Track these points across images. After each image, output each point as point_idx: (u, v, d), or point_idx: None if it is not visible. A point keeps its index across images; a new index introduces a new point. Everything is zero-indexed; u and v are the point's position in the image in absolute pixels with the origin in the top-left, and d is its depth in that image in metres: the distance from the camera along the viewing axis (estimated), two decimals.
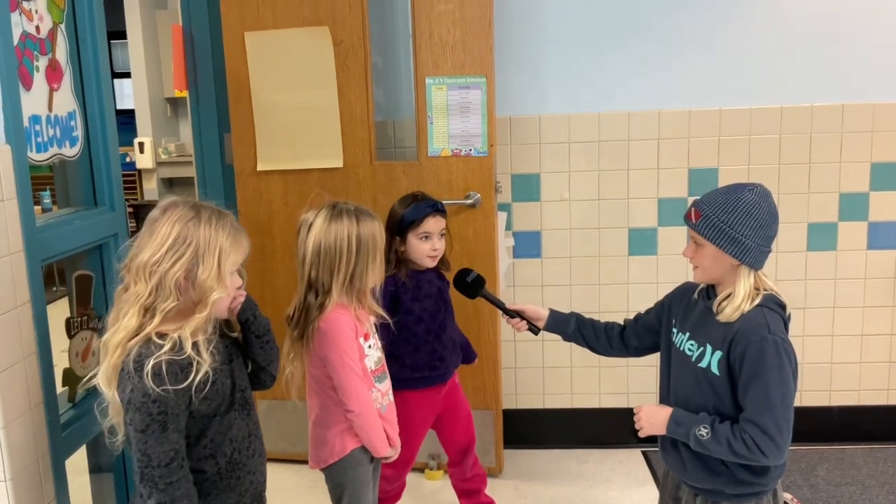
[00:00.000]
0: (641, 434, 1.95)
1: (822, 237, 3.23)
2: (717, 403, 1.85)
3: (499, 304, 2.32)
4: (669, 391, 1.99)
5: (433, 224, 2.46)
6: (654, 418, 1.91)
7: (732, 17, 3.13)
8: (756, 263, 1.83)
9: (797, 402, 1.80)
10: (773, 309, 1.83)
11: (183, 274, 1.61)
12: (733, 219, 1.81)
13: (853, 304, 3.27)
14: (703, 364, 1.86)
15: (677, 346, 1.97)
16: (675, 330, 1.99)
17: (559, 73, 3.20)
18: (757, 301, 1.82)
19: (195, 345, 1.62)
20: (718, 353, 1.83)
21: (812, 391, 3.30)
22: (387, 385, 2.22)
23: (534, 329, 2.25)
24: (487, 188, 2.96)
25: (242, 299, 1.79)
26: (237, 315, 1.80)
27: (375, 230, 2.11)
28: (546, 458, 3.34)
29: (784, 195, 3.18)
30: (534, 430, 3.42)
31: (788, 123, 3.16)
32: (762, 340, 1.77)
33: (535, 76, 3.21)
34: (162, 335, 1.61)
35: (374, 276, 2.12)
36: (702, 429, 1.81)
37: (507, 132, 3.22)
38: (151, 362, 1.55)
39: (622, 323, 2.18)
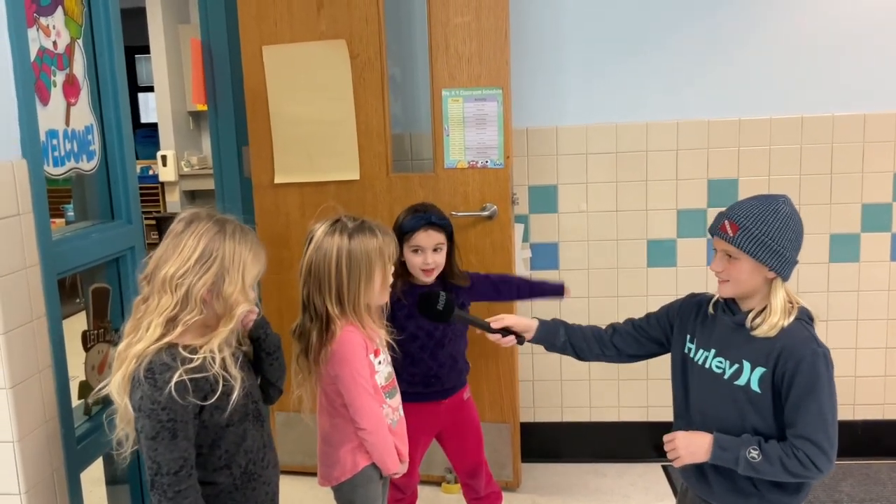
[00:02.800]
0: (677, 464, 1.86)
1: (844, 248, 3.19)
2: (756, 421, 1.80)
3: (480, 324, 2.15)
4: (690, 410, 1.94)
5: (424, 238, 2.43)
6: (693, 446, 1.83)
7: (751, 26, 3.11)
8: (789, 275, 1.80)
9: None
10: (808, 322, 1.81)
11: (209, 287, 1.64)
12: (774, 230, 1.77)
13: (877, 317, 3.22)
14: (741, 382, 1.81)
15: (697, 362, 1.91)
16: (691, 346, 1.94)
17: (576, 84, 3.19)
18: (794, 315, 1.79)
19: (223, 360, 1.64)
20: (760, 370, 1.78)
21: None
22: (397, 400, 2.20)
23: (520, 340, 2.15)
24: (504, 200, 2.95)
25: (255, 316, 1.79)
26: (250, 332, 1.81)
27: (371, 247, 2.03)
28: (564, 472, 3.31)
29: (805, 206, 3.14)
30: (552, 443, 3.39)
31: (809, 133, 3.12)
32: (814, 355, 1.74)
33: (552, 87, 3.20)
34: (190, 348, 1.63)
35: (371, 294, 2.06)
36: (752, 451, 1.75)
37: (524, 143, 3.21)
38: (176, 378, 1.57)
39: (612, 327, 2.11)
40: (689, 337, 1.96)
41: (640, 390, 3.32)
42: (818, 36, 3.09)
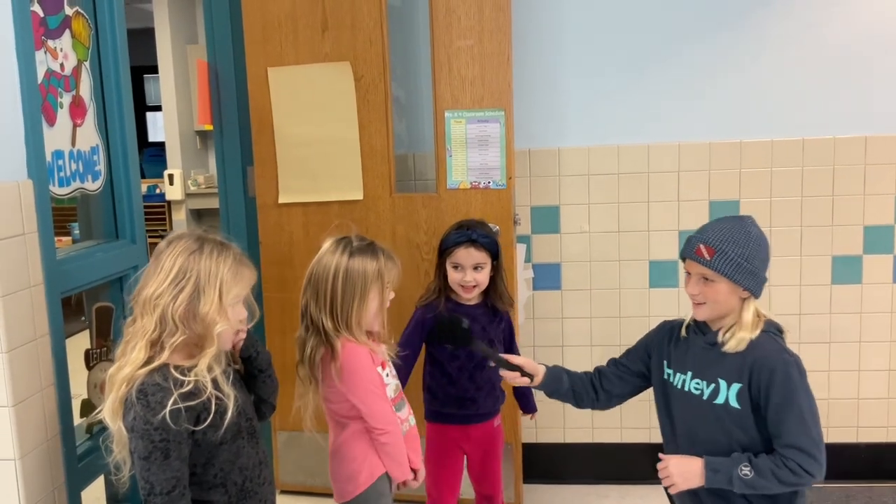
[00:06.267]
0: (673, 490, 1.86)
1: (846, 270, 3.19)
2: (741, 438, 1.82)
3: (497, 358, 2.13)
4: (676, 434, 1.95)
5: (463, 255, 2.42)
6: (687, 472, 1.83)
7: (753, 50, 3.13)
8: (760, 294, 1.86)
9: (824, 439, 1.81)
10: (776, 334, 1.86)
11: (185, 307, 1.63)
12: (749, 252, 1.82)
13: (880, 339, 3.21)
14: (720, 400, 1.84)
15: (676, 386, 1.94)
16: (669, 371, 1.96)
17: (578, 106, 3.21)
18: (761, 327, 1.84)
19: (214, 380, 1.64)
20: (736, 386, 1.82)
21: (839, 427, 3.23)
22: (406, 412, 2.21)
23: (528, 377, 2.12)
24: (506, 220, 2.96)
25: (244, 336, 1.80)
26: (240, 352, 1.82)
27: (370, 269, 2.05)
28: (566, 493, 3.30)
29: (807, 228, 3.15)
30: (554, 464, 3.38)
31: (810, 156, 3.13)
32: (786, 363, 1.79)
33: (554, 109, 3.22)
34: (180, 369, 1.63)
35: (365, 315, 2.07)
36: (743, 468, 1.76)
37: (527, 164, 3.23)
38: (170, 405, 1.57)
39: (597, 371, 2.12)
40: (666, 363, 1.99)
41: (643, 411, 3.30)
42: (819, 58, 3.11)
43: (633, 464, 3.30)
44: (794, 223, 3.16)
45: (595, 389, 2.10)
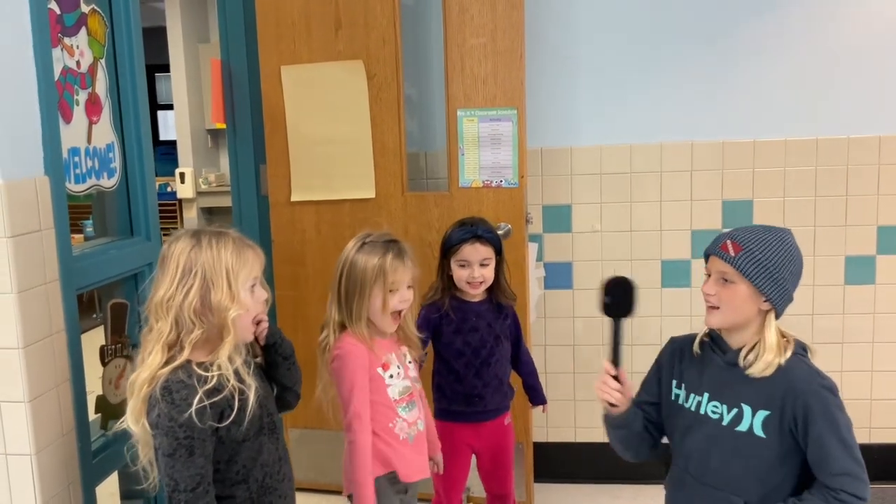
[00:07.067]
0: None
1: (859, 270, 3.17)
2: (760, 469, 1.69)
3: (618, 350, 1.83)
4: (686, 458, 1.80)
5: (470, 251, 2.43)
6: None
7: (767, 48, 3.11)
8: (783, 311, 1.72)
9: None
10: (803, 355, 1.73)
11: (198, 302, 1.64)
12: (778, 258, 1.69)
13: (893, 339, 3.19)
14: (742, 427, 1.70)
15: (689, 409, 1.78)
16: (679, 392, 1.82)
17: (590, 105, 3.21)
18: (791, 350, 1.70)
19: (236, 371, 1.65)
20: (763, 413, 1.68)
21: None
22: (414, 415, 2.19)
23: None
24: (518, 219, 2.96)
25: (266, 325, 1.81)
26: (266, 339, 1.83)
27: (370, 265, 2.05)
28: (577, 492, 3.30)
29: (820, 227, 3.14)
30: (565, 463, 3.38)
31: (824, 155, 3.12)
32: (821, 389, 1.65)
33: (567, 108, 3.22)
34: (203, 365, 1.64)
35: (368, 311, 2.07)
36: None
37: (539, 163, 3.23)
38: (196, 403, 1.58)
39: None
40: (675, 383, 1.84)
41: None
42: (833, 58, 3.10)
43: (645, 463, 3.27)
44: (808, 223, 3.14)
45: (650, 432, 1.90)
